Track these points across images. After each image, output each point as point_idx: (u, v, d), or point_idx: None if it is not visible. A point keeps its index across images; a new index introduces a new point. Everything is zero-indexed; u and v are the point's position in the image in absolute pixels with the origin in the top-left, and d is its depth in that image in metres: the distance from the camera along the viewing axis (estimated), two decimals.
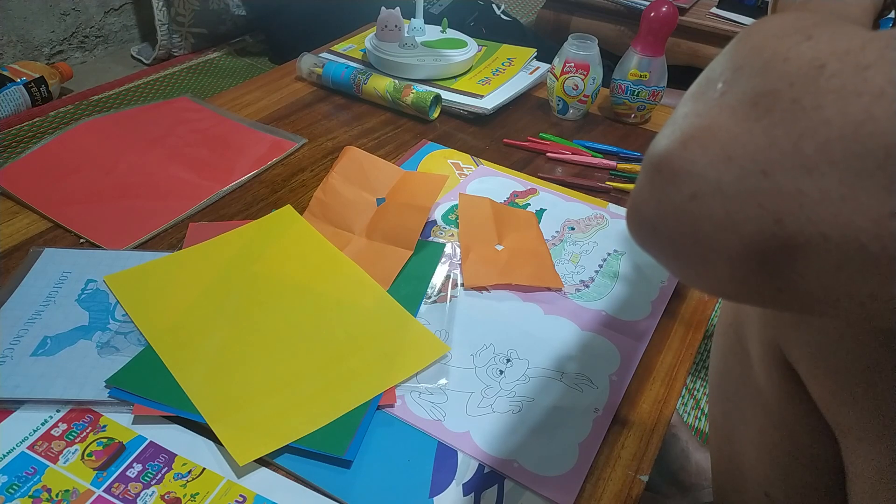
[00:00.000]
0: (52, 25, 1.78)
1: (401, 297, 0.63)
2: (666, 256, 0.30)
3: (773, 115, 0.25)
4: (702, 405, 1.09)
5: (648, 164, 0.29)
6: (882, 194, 0.23)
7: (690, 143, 0.27)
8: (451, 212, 0.76)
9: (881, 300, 0.24)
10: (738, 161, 0.25)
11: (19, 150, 1.40)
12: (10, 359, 0.54)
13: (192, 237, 0.69)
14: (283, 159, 0.85)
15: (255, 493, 0.47)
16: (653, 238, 0.30)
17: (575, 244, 0.73)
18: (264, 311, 0.61)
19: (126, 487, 0.47)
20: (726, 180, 0.26)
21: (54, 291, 0.61)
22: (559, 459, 0.51)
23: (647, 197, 0.29)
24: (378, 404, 0.53)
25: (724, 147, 0.26)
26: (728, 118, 0.26)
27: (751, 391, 0.50)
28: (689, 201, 0.27)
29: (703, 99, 0.28)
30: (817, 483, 0.48)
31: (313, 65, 1.01)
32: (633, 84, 0.94)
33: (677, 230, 0.28)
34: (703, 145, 0.27)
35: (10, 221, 0.71)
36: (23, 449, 0.49)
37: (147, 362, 0.55)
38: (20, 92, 1.52)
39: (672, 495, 0.85)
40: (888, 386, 0.37)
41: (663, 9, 0.89)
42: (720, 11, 1.85)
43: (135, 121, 0.89)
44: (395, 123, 0.95)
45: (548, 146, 0.91)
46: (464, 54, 1.04)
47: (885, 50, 0.24)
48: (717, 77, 0.28)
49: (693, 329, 0.64)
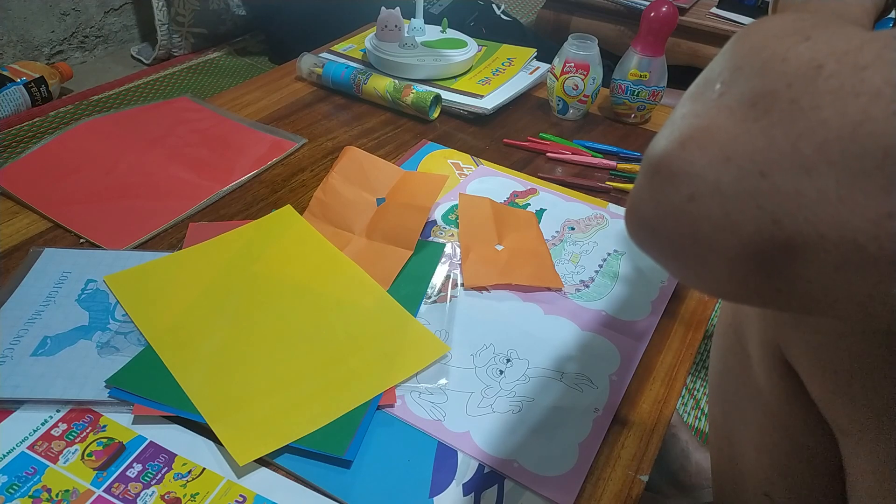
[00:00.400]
0: (52, 25, 1.78)
1: (401, 297, 0.63)
2: (665, 257, 0.30)
3: (772, 116, 0.25)
4: (702, 405, 1.09)
5: (647, 164, 0.29)
6: (880, 195, 0.22)
7: (689, 143, 0.27)
8: (451, 212, 0.76)
9: (879, 300, 0.24)
10: (736, 161, 0.25)
11: (19, 150, 1.40)
12: (10, 359, 0.54)
13: (192, 237, 0.69)
14: (283, 159, 0.85)
15: (255, 493, 0.47)
16: (652, 239, 0.30)
17: (575, 244, 0.73)
18: (264, 311, 0.61)
19: (126, 487, 0.47)
20: (725, 181, 0.26)
21: (54, 291, 0.61)
22: (559, 459, 0.51)
23: (646, 197, 0.29)
24: (378, 404, 0.53)
25: (723, 148, 0.26)
26: (726, 119, 0.26)
27: (751, 391, 0.50)
28: (687, 202, 0.27)
29: (702, 99, 0.28)
30: (817, 483, 0.48)
31: (313, 65, 1.01)
32: (633, 84, 0.94)
33: (676, 231, 0.28)
34: (702, 146, 0.26)
35: (10, 221, 0.71)
36: (23, 449, 0.49)
37: (147, 362, 0.55)
38: (20, 92, 1.52)
39: (672, 495, 0.85)
40: (887, 386, 0.37)
41: (663, 9, 0.89)
42: (720, 11, 1.85)
43: (135, 121, 0.89)
44: (395, 123, 0.95)
45: (548, 146, 0.91)
46: (464, 54, 1.04)
47: (882, 50, 0.24)
48: (715, 77, 0.28)
49: (693, 329, 0.64)
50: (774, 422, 0.48)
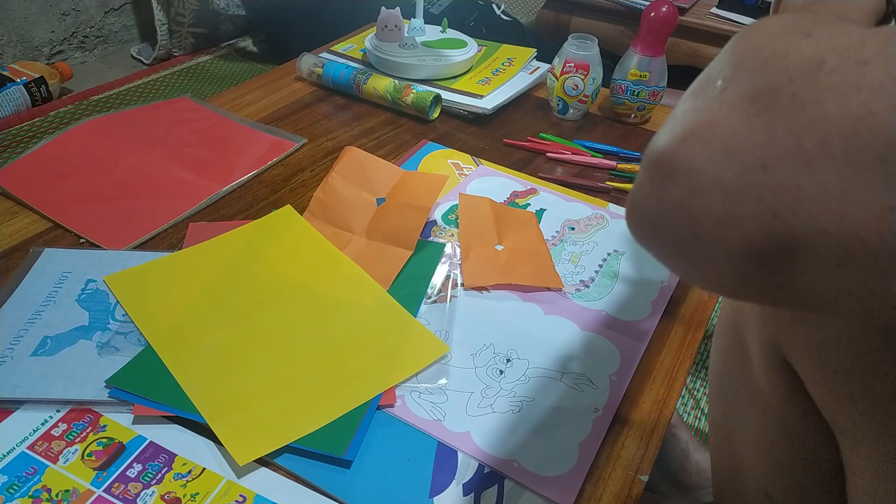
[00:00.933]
0: (52, 25, 1.78)
1: (401, 297, 0.63)
2: (666, 253, 0.30)
3: (774, 111, 0.25)
4: (702, 405, 1.09)
5: (648, 160, 0.29)
6: (881, 189, 0.23)
7: (690, 138, 0.27)
8: (451, 212, 0.76)
9: (881, 296, 0.24)
10: (737, 156, 0.25)
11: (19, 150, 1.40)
12: (10, 359, 0.54)
13: (192, 237, 0.69)
14: (283, 159, 0.85)
15: (255, 493, 0.47)
16: (653, 235, 0.30)
17: (575, 244, 0.73)
18: (264, 311, 0.61)
19: (126, 487, 0.47)
20: (726, 175, 0.26)
21: (54, 291, 0.61)
22: (559, 459, 0.51)
23: (647, 193, 0.29)
24: (378, 404, 0.53)
25: (724, 142, 0.26)
26: (728, 114, 0.26)
27: (750, 391, 0.50)
28: (688, 197, 0.27)
29: (703, 96, 0.28)
30: (817, 483, 0.48)
31: (313, 65, 1.01)
32: (633, 84, 0.94)
33: (677, 226, 0.28)
34: (703, 141, 0.27)
35: (10, 221, 0.71)
36: (23, 449, 0.49)
37: (147, 362, 0.55)
38: (20, 92, 1.52)
39: (672, 495, 0.85)
40: (887, 386, 0.37)
41: (663, 9, 0.89)
42: (720, 11, 1.85)
43: (135, 121, 0.89)
44: (395, 123, 0.95)
45: (548, 146, 0.91)
46: (464, 54, 1.04)
47: (883, 45, 0.24)
48: (716, 75, 0.28)
49: (693, 329, 0.64)
50: (774, 422, 0.48)
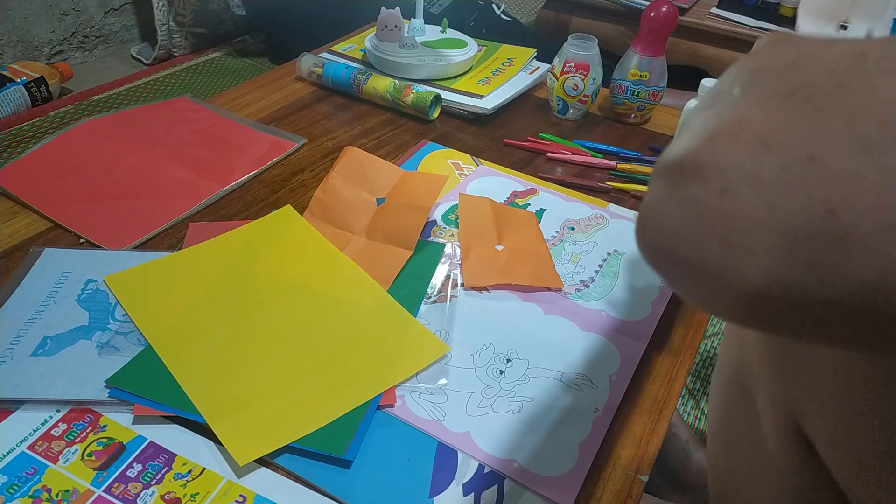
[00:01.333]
0: (52, 25, 1.78)
1: (401, 297, 0.63)
2: (684, 270, 0.26)
3: (816, 101, 0.23)
4: (702, 405, 1.09)
5: (663, 168, 0.26)
6: None
7: (719, 136, 0.24)
8: (451, 212, 0.76)
9: None
10: (778, 147, 0.23)
11: (19, 150, 1.40)
12: (10, 359, 0.54)
13: (192, 237, 0.69)
14: (283, 159, 0.85)
15: (255, 493, 0.47)
16: (671, 247, 0.26)
17: (575, 244, 0.73)
18: (264, 311, 0.61)
19: (126, 487, 0.47)
20: (766, 168, 0.23)
21: (54, 291, 0.61)
22: (559, 459, 0.51)
23: (667, 199, 0.26)
24: (378, 404, 0.53)
25: (760, 136, 0.23)
26: (760, 110, 0.24)
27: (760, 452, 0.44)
28: (718, 197, 0.24)
29: (721, 102, 0.26)
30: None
31: (313, 65, 1.01)
32: (633, 84, 0.94)
33: (704, 233, 0.24)
34: (734, 137, 0.24)
35: (10, 221, 0.71)
36: (23, 449, 0.49)
37: (147, 362, 0.55)
38: (20, 92, 1.52)
39: (672, 495, 0.85)
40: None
41: (663, 9, 0.89)
42: (720, 11, 1.85)
43: (135, 121, 0.89)
44: (395, 123, 0.95)
45: (548, 146, 0.91)
46: (464, 54, 1.04)
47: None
48: (728, 87, 0.27)
49: (693, 329, 0.64)
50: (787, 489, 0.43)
